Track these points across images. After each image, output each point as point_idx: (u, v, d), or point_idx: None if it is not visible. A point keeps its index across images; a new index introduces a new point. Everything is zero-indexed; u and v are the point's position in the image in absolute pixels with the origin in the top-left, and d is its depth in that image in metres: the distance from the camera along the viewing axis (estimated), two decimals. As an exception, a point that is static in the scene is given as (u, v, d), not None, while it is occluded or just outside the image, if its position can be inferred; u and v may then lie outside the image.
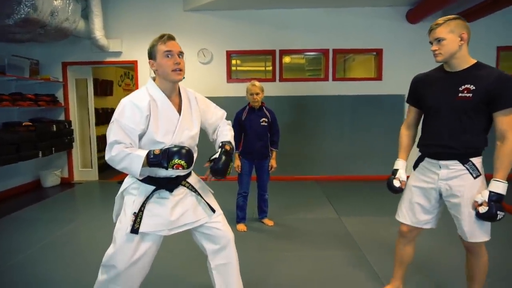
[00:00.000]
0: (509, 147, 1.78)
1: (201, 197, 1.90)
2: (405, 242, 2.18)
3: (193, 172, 1.98)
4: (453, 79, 1.89)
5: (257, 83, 3.54)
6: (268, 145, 3.66)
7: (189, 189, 1.88)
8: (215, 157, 1.85)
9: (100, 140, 6.78)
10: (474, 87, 1.82)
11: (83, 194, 5.50)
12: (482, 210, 1.80)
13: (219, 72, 5.91)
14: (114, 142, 1.64)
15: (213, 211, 1.93)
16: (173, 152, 1.64)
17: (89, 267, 2.67)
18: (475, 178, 1.87)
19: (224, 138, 1.96)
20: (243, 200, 3.70)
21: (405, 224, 2.12)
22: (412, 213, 2.08)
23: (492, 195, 1.78)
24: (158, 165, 1.65)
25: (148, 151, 1.66)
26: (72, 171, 6.14)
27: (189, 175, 1.92)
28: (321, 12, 5.76)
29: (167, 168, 1.64)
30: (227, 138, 1.97)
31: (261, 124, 3.58)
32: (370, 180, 5.80)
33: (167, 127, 1.74)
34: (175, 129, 1.76)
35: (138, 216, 1.72)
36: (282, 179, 5.62)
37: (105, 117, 7.52)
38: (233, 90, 5.76)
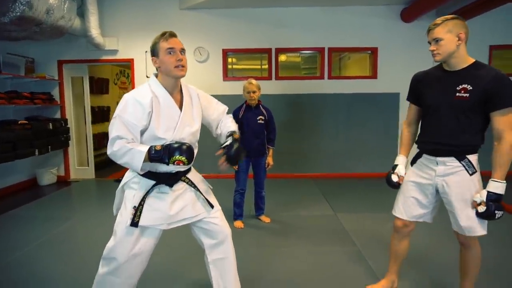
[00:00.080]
0: (505, 147, 1.80)
1: (200, 192, 1.94)
2: (400, 237, 2.22)
3: (192, 168, 2.01)
4: (451, 78, 1.91)
5: (254, 81, 3.57)
6: (265, 142, 3.69)
7: (188, 184, 1.91)
8: (227, 145, 1.89)
9: (96, 138, 6.77)
10: (471, 87, 1.84)
11: (79, 192, 5.49)
12: (481, 210, 1.84)
13: (215, 71, 5.93)
14: (116, 137, 1.67)
15: (211, 206, 1.96)
16: (174, 148, 1.66)
17: (86, 265, 2.70)
18: (471, 174, 1.90)
19: (230, 128, 2.00)
20: (240, 197, 3.73)
21: (400, 219, 2.16)
22: (407, 208, 2.12)
23: (490, 195, 1.81)
24: (159, 160, 1.67)
25: (149, 147, 1.68)
26: (69, 169, 6.13)
27: (188, 171, 1.95)
28: (317, 11, 5.80)
29: (168, 163, 1.67)
30: (232, 128, 2.01)
31: (258, 122, 3.61)
32: (365, 177, 5.86)
33: (169, 123, 1.77)
34: (176, 125, 1.78)
35: (138, 210, 1.75)
36: (278, 177, 5.66)
37: (101, 115, 7.51)
38: (229, 88, 5.78)
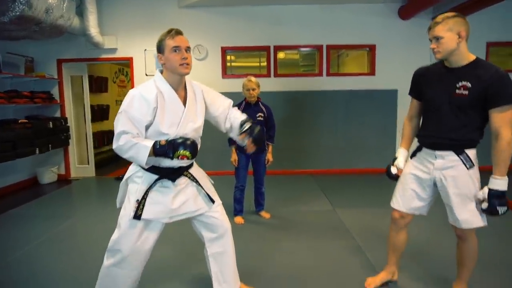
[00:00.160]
0: (503, 143, 1.82)
1: (201, 187, 1.98)
2: (397, 229, 2.26)
3: (195, 163, 2.05)
4: (452, 75, 1.94)
5: (253, 78, 3.60)
6: (265, 139, 3.72)
7: (190, 179, 1.95)
8: (246, 129, 1.94)
9: (96, 137, 6.80)
10: (470, 85, 1.86)
11: (80, 191, 5.52)
12: (483, 207, 1.88)
13: (214, 68, 5.95)
14: (122, 132, 1.71)
15: (212, 201, 2.00)
16: (178, 143, 1.70)
17: (87, 263, 2.73)
18: (468, 169, 1.94)
19: (242, 117, 2.06)
20: (240, 194, 3.76)
21: (397, 211, 2.20)
22: (405, 200, 2.16)
23: (491, 191, 1.85)
24: (163, 155, 1.71)
25: (154, 142, 1.72)
26: (69, 167, 6.16)
27: (191, 166, 1.99)
28: (315, 8, 5.82)
29: (172, 158, 1.71)
30: (244, 117, 2.06)
31: (258, 119, 3.63)
32: (364, 173, 5.91)
33: (173, 119, 1.80)
34: (180, 121, 1.82)
35: (141, 203, 1.80)
36: (278, 173, 5.70)
37: (100, 113, 7.54)
38: (228, 86, 5.80)
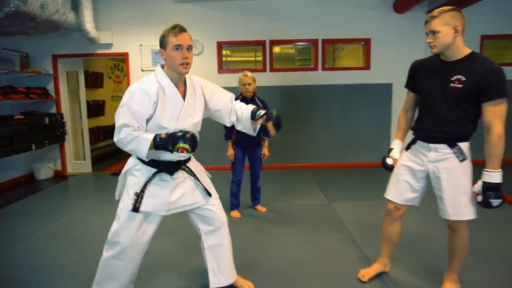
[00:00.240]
0: (494, 137, 1.86)
1: (199, 181, 2.02)
2: (391, 220, 2.31)
3: (193, 157, 2.09)
4: (447, 69, 1.97)
5: (249, 73, 3.61)
6: (261, 134, 3.75)
7: (188, 173, 1.99)
8: (263, 114, 1.98)
9: (92, 133, 6.80)
10: (465, 78, 1.90)
11: (76, 186, 5.54)
12: (479, 199, 1.93)
13: (210, 63, 5.95)
14: (123, 125, 1.74)
15: (209, 195, 2.04)
16: (178, 137, 1.73)
17: (85, 258, 2.76)
18: (461, 161, 1.98)
19: (251, 107, 2.07)
20: (236, 188, 3.80)
21: (392, 202, 2.25)
22: (399, 191, 2.21)
23: (485, 185, 1.89)
24: (164, 148, 1.75)
25: (155, 135, 1.75)
26: (65, 163, 6.16)
27: (189, 160, 2.03)
28: (310, 2, 5.82)
29: (172, 151, 1.74)
30: (252, 106, 2.08)
31: (253, 113, 3.66)
32: (359, 167, 5.97)
33: (172, 113, 1.84)
34: (179, 115, 1.86)
35: (140, 196, 1.84)
36: (274, 167, 5.75)
37: (96, 109, 7.53)
38: (224, 80, 5.80)
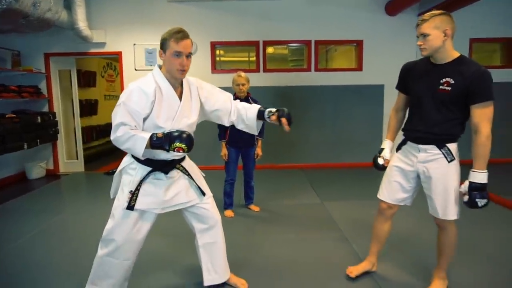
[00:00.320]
0: (482, 138, 1.91)
1: (193, 180, 2.05)
2: (383, 219, 2.36)
3: (187, 157, 2.11)
4: (436, 71, 2.03)
5: (243, 74, 3.64)
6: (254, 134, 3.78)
7: (182, 172, 2.02)
8: (273, 111, 2.02)
9: (84, 132, 6.76)
10: (453, 81, 1.96)
11: (69, 186, 5.49)
12: (465, 199, 1.98)
13: (203, 63, 5.96)
14: (120, 123, 1.76)
15: (203, 193, 2.07)
16: (174, 136, 1.75)
17: (79, 256, 2.77)
18: (449, 162, 2.04)
19: (256, 107, 2.09)
20: (230, 187, 3.83)
21: (384, 202, 2.30)
22: (391, 192, 2.26)
23: (472, 185, 1.94)
24: (160, 147, 1.76)
25: (151, 134, 1.77)
26: (58, 162, 6.13)
27: (183, 159, 2.05)
28: (303, 3, 5.87)
29: (168, 150, 1.76)
30: (257, 106, 2.09)
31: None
32: (351, 167, 6.03)
33: (169, 113, 1.86)
34: (175, 115, 1.88)
35: (134, 194, 1.86)
36: (267, 167, 5.79)
37: (88, 108, 7.48)
38: (218, 80, 5.80)
